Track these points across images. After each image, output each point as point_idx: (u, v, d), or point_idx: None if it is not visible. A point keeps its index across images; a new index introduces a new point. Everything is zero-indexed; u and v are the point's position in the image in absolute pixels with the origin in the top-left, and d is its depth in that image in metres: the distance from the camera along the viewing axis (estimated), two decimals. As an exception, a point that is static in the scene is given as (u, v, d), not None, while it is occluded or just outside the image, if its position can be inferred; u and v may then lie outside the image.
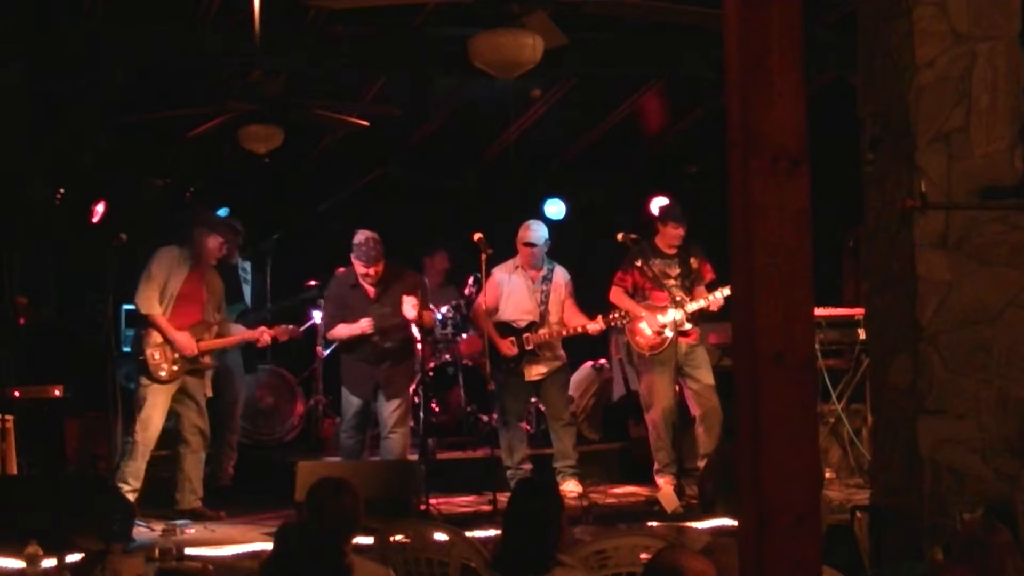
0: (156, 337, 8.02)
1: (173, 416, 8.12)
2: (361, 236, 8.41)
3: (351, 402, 8.61)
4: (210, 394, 8.31)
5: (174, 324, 8.04)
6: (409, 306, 8.29)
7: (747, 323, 2.69)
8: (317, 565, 3.95)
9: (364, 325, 8.42)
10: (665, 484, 8.39)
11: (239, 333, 8.69)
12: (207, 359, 8.22)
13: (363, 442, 8.70)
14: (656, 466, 8.63)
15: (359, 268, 8.42)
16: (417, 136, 11.38)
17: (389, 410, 8.46)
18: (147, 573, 5.77)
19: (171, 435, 8.18)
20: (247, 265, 9.67)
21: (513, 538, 4.49)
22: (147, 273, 8.07)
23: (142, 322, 8.10)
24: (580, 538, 5.89)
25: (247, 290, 9.67)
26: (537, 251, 8.81)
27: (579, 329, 8.73)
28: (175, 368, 8.02)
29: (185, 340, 8.03)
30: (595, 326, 8.65)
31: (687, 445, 8.67)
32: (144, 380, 8.02)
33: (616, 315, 8.59)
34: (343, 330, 8.54)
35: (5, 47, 8.22)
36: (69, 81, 9.21)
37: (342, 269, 8.75)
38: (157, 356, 8.00)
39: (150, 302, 8.04)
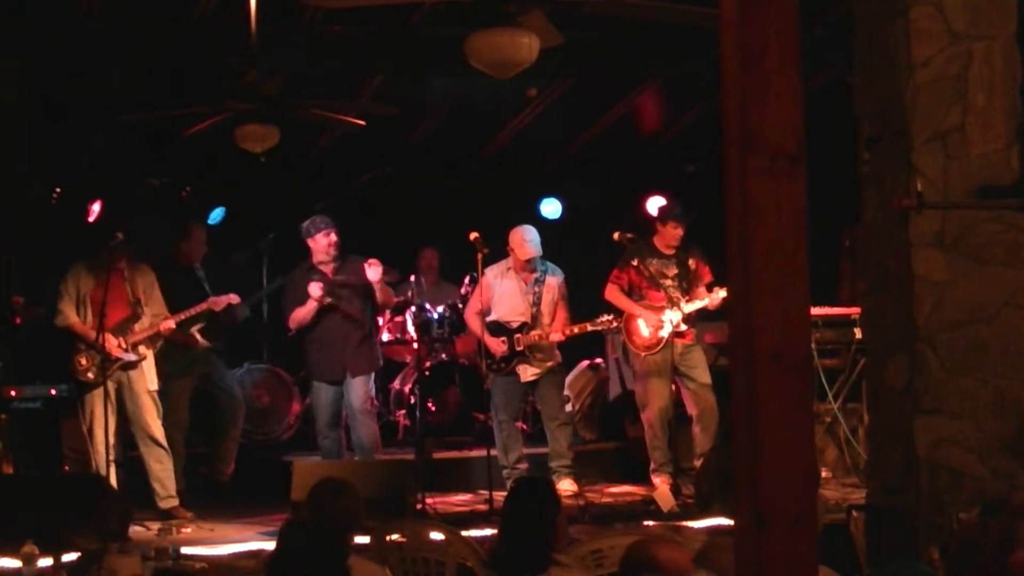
0: (79, 345, 8.05)
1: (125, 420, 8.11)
2: (307, 220, 8.74)
3: (322, 395, 8.67)
4: (152, 387, 8.15)
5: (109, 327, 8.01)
6: (372, 270, 8.43)
7: (744, 323, 2.68)
8: (318, 565, 3.95)
9: (313, 290, 8.49)
10: (661, 483, 8.39)
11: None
12: (140, 350, 8.13)
13: (339, 440, 8.73)
14: (652, 465, 8.64)
15: (322, 240, 8.63)
16: (414, 135, 11.37)
17: (357, 393, 8.56)
18: (144, 572, 5.78)
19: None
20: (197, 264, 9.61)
21: (509, 537, 4.50)
22: (59, 291, 8.16)
23: (66, 336, 8.10)
24: (577, 537, 5.89)
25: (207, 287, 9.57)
26: (534, 261, 8.81)
27: (566, 333, 8.73)
28: (103, 368, 7.98)
29: (109, 339, 7.99)
30: (569, 330, 8.69)
31: (683, 444, 8.67)
32: (81, 392, 8.04)
33: (604, 319, 8.59)
34: (300, 312, 8.61)
35: (5, 47, 8.21)
36: (69, 81, 9.20)
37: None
38: (84, 361, 8.03)
39: (62, 316, 8.10)
